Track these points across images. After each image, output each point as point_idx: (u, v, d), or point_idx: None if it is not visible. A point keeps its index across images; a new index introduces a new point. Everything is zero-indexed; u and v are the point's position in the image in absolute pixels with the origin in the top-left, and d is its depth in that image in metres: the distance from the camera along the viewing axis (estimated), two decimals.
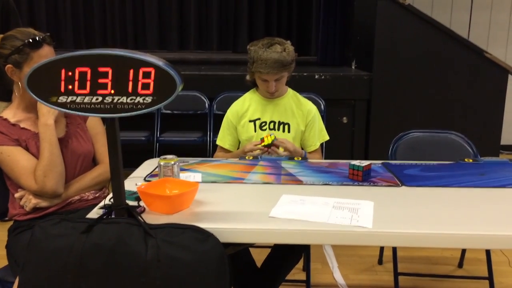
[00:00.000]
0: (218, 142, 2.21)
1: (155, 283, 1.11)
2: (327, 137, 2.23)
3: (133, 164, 1.84)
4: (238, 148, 2.18)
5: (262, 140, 1.98)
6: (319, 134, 2.20)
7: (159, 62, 1.10)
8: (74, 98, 1.12)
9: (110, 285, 1.13)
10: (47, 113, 1.60)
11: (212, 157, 2.20)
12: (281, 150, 1.99)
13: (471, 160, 1.93)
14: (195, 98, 3.56)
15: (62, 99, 1.12)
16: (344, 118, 3.63)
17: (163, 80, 1.10)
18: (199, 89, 3.55)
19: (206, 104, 3.55)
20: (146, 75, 1.10)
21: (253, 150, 1.99)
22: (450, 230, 1.22)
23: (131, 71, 1.09)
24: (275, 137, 1.97)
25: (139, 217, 1.17)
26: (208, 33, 5.33)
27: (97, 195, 1.76)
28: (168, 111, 3.58)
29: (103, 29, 5.27)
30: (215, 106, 3.51)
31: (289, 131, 2.13)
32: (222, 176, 1.69)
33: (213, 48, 5.36)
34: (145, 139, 3.47)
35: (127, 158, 1.42)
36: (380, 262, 2.55)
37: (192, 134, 3.53)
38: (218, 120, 2.84)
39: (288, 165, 1.83)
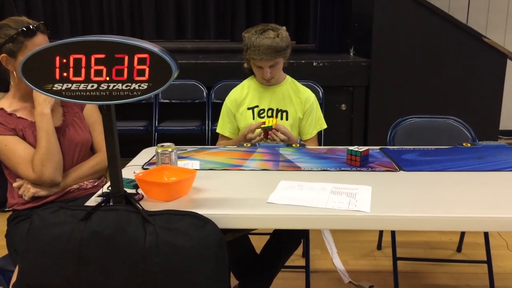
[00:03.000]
0: (218, 130, 2.21)
1: (154, 270, 1.11)
2: (324, 126, 2.22)
3: (131, 153, 1.84)
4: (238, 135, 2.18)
5: (264, 123, 1.97)
6: (316, 123, 2.19)
7: (154, 48, 1.09)
8: (69, 85, 1.11)
9: (109, 272, 1.13)
10: (43, 102, 1.60)
11: (211, 145, 2.20)
12: (280, 135, 1.98)
13: (469, 145, 1.93)
14: (193, 87, 3.55)
15: (57, 86, 1.11)
16: (343, 105, 3.62)
17: (159, 67, 1.09)
18: (197, 78, 3.54)
19: (204, 93, 3.54)
20: (141, 61, 1.08)
21: (252, 131, 1.98)
22: (448, 213, 1.22)
23: (126, 58, 1.09)
24: (276, 121, 1.97)
25: (137, 204, 1.17)
26: (205, 21, 5.29)
27: (96, 183, 1.77)
28: (166, 100, 3.57)
29: (100, 19, 5.23)
30: (213, 95, 3.50)
31: (287, 119, 2.12)
32: (220, 163, 1.69)
33: (211, 37, 5.32)
34: (144, 129, 3.46)
35: (125, 147, 1.41)
36: (379, 247, 2.57)
37: (190, 123, 3.52)
38: (216, 109, 2.83)
39: (286, 152, 1.83)
